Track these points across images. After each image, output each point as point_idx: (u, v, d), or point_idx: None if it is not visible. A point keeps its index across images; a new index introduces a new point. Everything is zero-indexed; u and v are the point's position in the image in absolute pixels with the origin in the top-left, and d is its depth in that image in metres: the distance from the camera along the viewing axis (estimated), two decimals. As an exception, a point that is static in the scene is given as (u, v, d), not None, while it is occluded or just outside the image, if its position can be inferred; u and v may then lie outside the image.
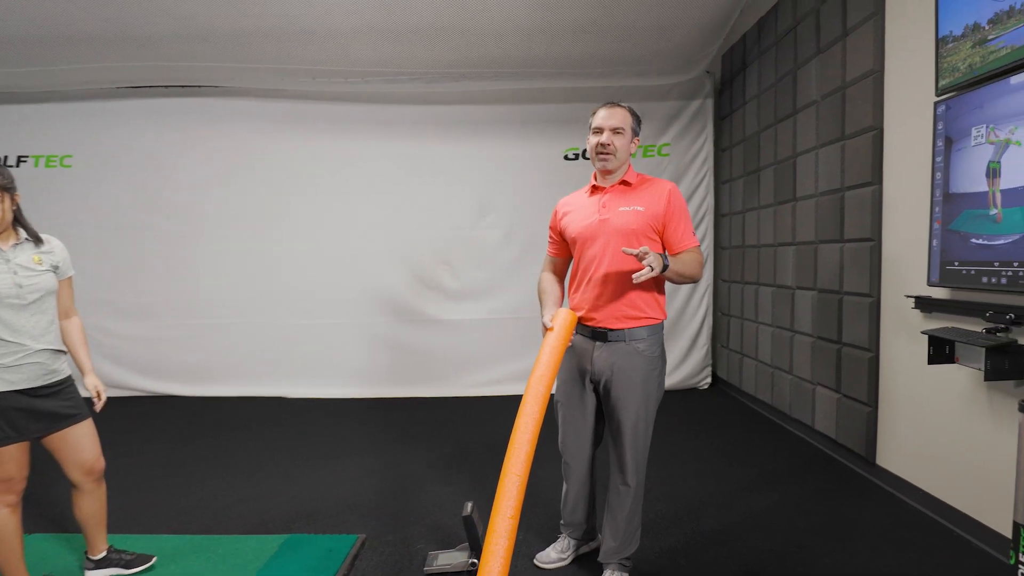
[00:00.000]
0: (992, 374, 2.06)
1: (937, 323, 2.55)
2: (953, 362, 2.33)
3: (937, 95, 2.48)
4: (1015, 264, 2.08)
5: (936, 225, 2.47)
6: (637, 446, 2.05)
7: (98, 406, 2.07)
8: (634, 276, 1.78)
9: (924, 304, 2.61)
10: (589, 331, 2.06)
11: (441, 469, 3.29)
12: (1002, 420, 2.24)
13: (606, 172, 2.05)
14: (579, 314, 2.07)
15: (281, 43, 4.11)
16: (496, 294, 5.07)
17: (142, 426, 4.19)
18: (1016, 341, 2.06)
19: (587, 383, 2.10)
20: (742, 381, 4.60)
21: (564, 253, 2.22)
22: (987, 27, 2.22)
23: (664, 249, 2.01)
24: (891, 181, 2.86)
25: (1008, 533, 2.21)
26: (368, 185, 4.98)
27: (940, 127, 2.44)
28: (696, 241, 2.03)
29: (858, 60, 3.04)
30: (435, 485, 3.06)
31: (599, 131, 2.02)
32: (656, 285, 2.04)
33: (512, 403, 4.79)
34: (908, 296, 2.68)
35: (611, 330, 2.01)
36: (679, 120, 5.02)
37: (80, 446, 2.02)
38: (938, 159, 2.46)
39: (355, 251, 4.98)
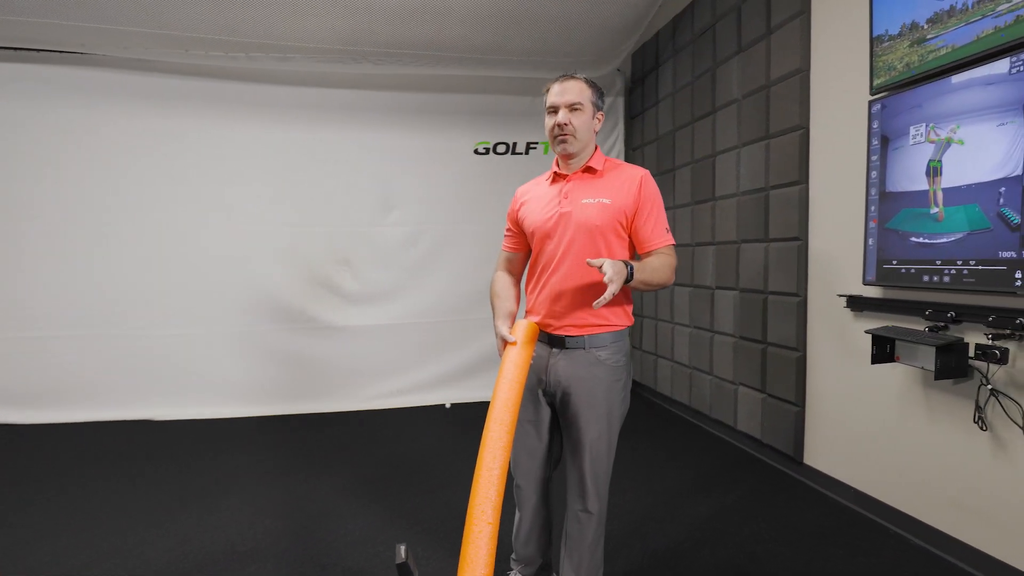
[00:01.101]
0: (941, 373, 2.05)
1: (869, 322, 2.56)
2: (894, 361, 2.32)
3: (872, 94, 2.48)
4: (959, 262, 2.08)
5: (872, 224, 2.47)
6: (598, 468, 1.81)
7: None
8: (594, 303, 1.52)
9: (856, 303, 2.61)
10: (545, 337, 1.80)
11: (352, 498, 2.88)
12: (939, 416, 2.26)
13: (568, 157, 1.79)
14: (536, 318, 1.81)
15: (142, 3, 3.47)
16: (402, 297, 4.67)
17: (-41, 466, 3.36)
18: (962, 339, 2.06)
19: (541, 395, 1.83)
20: (657, 382, 4.56)
21: (523, 247, 1.95)
22: (926, 26, 2.23)
23: (633, 248, 1.78)
24: (819, 180, 2.87)
25: (946, 529, 2.23)
26: (253, 175, 4.38)
27: (875, 126, 2.44)
28: (671, 239, 1.77)
29: (784, 59, 3.04)
30: (347, 519, 2.65)
31: (554, 110, 1.76)
32: (622, 291, 1.78)
33: (421, 415, 4.52)
34: (840, 295, 2.68)
35: (570, 336, 1.76)
36: (591, 117, 4.90)
37: None
38: (874, 158, 2.46)
39: (239, 250, 4.36)
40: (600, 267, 1.52)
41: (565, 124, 1.73)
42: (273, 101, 4.37)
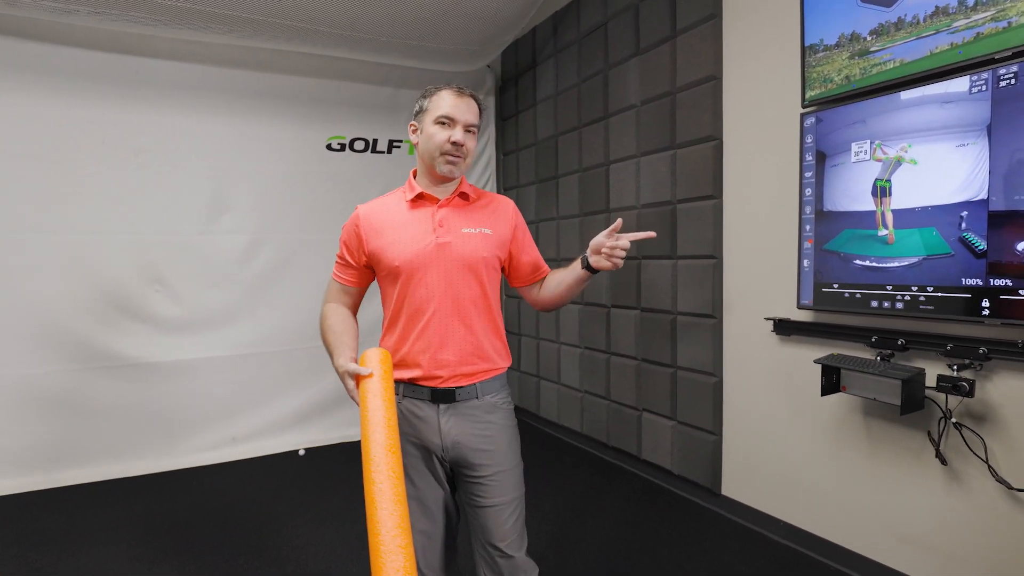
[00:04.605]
0: (907, 407, 1.92)
1: (799, 347, 2.43)
2: (839, 391, 2.19)
3: (804, 107, 2.34)
4: (914, 288, 1.98)
5: (807, 244, 2.33)
6: (524, 538, 1.56)
7: None
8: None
9: (784, 327, 2.47)
10: (427, 392, 1.50)
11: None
12: (883, 448, 2.16)
13: (446, 179, 1.53)
14: (411, 374, 1.50)
15: None
16: (236, 322, 3.78)
17: None
18: (923, 370, 1.95)
19: (438, 464, 1.54)
20: (540, 407, 4.22)
21: (365, 282, 1.64)
22: (869, 38, 2.11)
23: (512, 282, 1.69)
24: (736, 195, 2.71)
25: (897, 565, 2.13)
26: (20, 165, 3.21)
27: (809, 140, 2.30)
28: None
29: (692, 64, 2.85)
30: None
31: (449, 123, 1.48)
32: (500, 324, 1.60)
33: (269, 466, 3.65)
34: (768, 318, 2.53)
35: (460, 387, 1.50)
36: (460, 116, 4.44)
37: None
38: (808, 174, 2.32)
39: (-4, 265, 3.19)
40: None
41: (463, 145, 1.48)
42: (50, 66, 3.24)
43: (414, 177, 1.57)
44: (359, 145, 4.14)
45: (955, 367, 1.87)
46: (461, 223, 1.52)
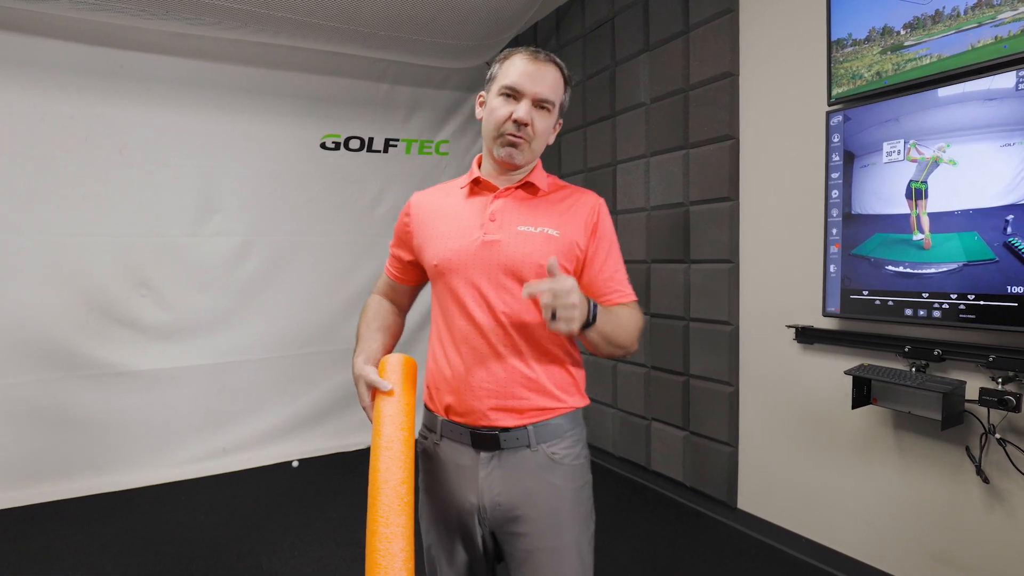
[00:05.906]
0: (948, 421, 1.81)
1: (823, 356, 2.33)
2: (869, 403, 2.08)
3: (830, 104, 2.23)
4: (953, 296, 1.87)
5: (834, 249, 2.22)
6: None
7: None
8: (549, 324, 1.04)
9: (807, 335, 2.36)
10: (466, 434, 1.19)
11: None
12: (916, 463, 2.06)
13: (509, 166, 1.23)
14: (445, 402, 1.21)
15: None
16: (226, 328, 3.61)
17: None
18: (964, 383, 1.85)
19: (477, 526, 1.21)
20: (542, 414, 4.09)
21: (414, 280, 1.38)
22: (903, 32, 2.01)
23: None
24: (754, 197, 2.59)
25: (931, 588, 2.03)
26: (-5, 161, 3.05)
27: (836, 140, 2.20)
28: (633, 294, 1.27)
29: (707, 60, 2.73)
30: None
31: (515, 95, 1.18)
32: (570, 348, 1.25)
33: (259, 478, 3.45)
34: (790, 326, 2.42)
35: (506, 430, 1.17)
36: (458, 114, 4.31)
37: None
38: (834, 175, 2.21)
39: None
40: (537, 290, 1.03)
41: (528, 124, 1.17)
42: (28, 58, 3.05)
43: (479, 161, 1.30)
44: (354, 144, 3.98)
45: (999, 380, 1.77)
46: (518, 219, 1.21)
